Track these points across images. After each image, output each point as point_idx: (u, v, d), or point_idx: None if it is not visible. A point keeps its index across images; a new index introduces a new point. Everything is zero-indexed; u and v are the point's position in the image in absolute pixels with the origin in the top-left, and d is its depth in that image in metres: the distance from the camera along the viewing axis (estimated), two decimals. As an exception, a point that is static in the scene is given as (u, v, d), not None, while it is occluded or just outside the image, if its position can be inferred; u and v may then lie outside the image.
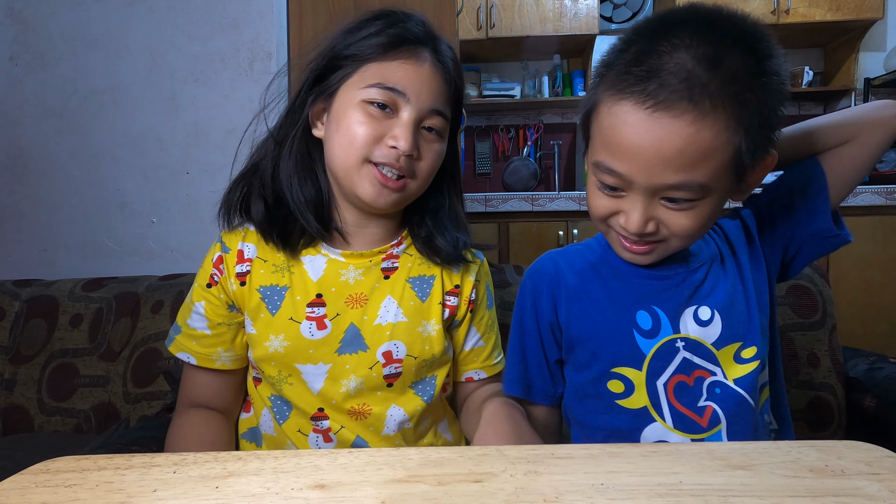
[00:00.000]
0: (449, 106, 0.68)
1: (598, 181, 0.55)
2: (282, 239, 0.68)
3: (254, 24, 1.33)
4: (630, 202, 0.53)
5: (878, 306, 2.18)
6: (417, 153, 0.65)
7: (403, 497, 0.32)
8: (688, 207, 0.52)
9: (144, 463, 0.37)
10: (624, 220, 0.54)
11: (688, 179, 0.49)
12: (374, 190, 0.65)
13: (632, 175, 0.51)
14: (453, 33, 1.20)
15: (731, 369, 0.58)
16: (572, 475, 0.34)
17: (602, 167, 0.53)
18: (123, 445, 0.74)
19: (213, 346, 0.69)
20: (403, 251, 0.74)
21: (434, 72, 0.65)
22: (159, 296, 1.09)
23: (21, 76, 1.36)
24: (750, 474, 0.34)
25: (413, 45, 0.65)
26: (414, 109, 0.64)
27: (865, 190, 2.17)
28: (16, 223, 1.39)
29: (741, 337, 0.59)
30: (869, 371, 0.98)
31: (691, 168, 0.49)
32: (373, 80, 0.63)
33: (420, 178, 0.67)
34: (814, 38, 2.75)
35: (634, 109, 0.49)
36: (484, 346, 0.76)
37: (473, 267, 0.76)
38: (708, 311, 0.59)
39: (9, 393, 1.05)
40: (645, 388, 0.59)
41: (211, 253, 0.71)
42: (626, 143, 0.50)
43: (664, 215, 0.53)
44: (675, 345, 0.59)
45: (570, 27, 2.62)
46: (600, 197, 0.56)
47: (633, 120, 0.49)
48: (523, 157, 2.89)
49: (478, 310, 0.76)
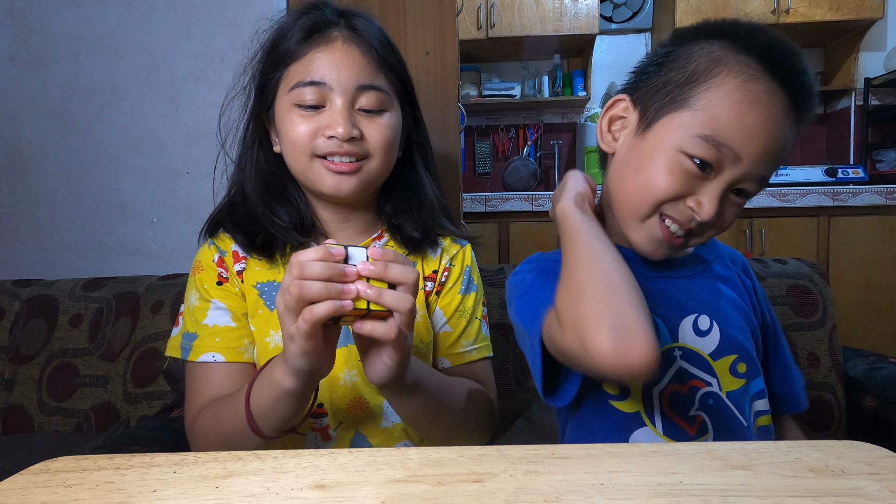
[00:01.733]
0: (380, 73, 0.66)
1: (681, 160, 0.52)
2: (267, 255, 0.69)
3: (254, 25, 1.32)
4: (710, 187, 0.52)
5: (878, 306, 2.18)
6: (360, 133, 0.64)
7: (403, 497, 0.32)
8: (744, 202, 0.54)
9: (144, 463, 0.37)
10: (694, 204, 0.53)
11: (769, 175, 0.53)
12: (332, 181, 0.65)
13: (742, 154, 0.50)
14: (453, 33, 1.20)
15: (727, 381, 0.58)
16: (572, 475, 0.34)
17: (710, 141, 0.51)
18: (123, 445, 0.74)
19: (240, 339, 0.67)
20: (385, 244, 0.74)
21: (348, 49, 0.64)
22: (159, 296, 1.09)
23: (21, 76, 1.36)
24: (750, 474, 0.34)
25: (323, 31, 0.65)
26: (339, 94, 0.63)
27: (865, 190, 2.17)
28: (16, 223, 1.39)
29: (736, 350, 0.59)
30: (869, 371, 0.98)
31: (777, 166, 0.53)
32: (294, 80, 0.64)
33: (376, 155, 0.66)
34: (814, 38, 2.74)
35: (772, 95, 0.50)
36: (450, 331, 0.74)
37: (450, 250, 0.76)
38: (707, 320, 0.59)
39: (9, 393, 1.05)
40: (640, 395, 0.59)
41: (207, 256, 0.70)
42: (756, 122, 0.50)
43: (723, 207, 0.54)
44: (673, 354, 0.58)
45: (570, 27, 2.62)
46: (676, 176, 0.53)
47: (771, 104, 0.50)
48: (523, 157, 2.89)
49: (446, 293, 0.75)
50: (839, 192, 2.18)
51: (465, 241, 0.79)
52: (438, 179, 0.78)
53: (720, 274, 0.63)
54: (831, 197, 2.18)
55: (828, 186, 2.23)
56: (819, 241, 2.21)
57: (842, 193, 2.18)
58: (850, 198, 2.18)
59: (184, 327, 0.69)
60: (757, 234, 2.22)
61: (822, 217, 2.21)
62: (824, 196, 2.19)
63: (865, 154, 2.61)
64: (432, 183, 0.76)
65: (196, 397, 0.66)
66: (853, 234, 2.19)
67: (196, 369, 0.67)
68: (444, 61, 1.20)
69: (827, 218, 2.20)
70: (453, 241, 0.78)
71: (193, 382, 0.67)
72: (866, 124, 2.60)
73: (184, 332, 0.68)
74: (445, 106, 1.21)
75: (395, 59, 0.69)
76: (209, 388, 0.65)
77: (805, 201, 2.19)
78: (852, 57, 2.66)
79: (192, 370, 0.67)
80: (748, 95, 0.50)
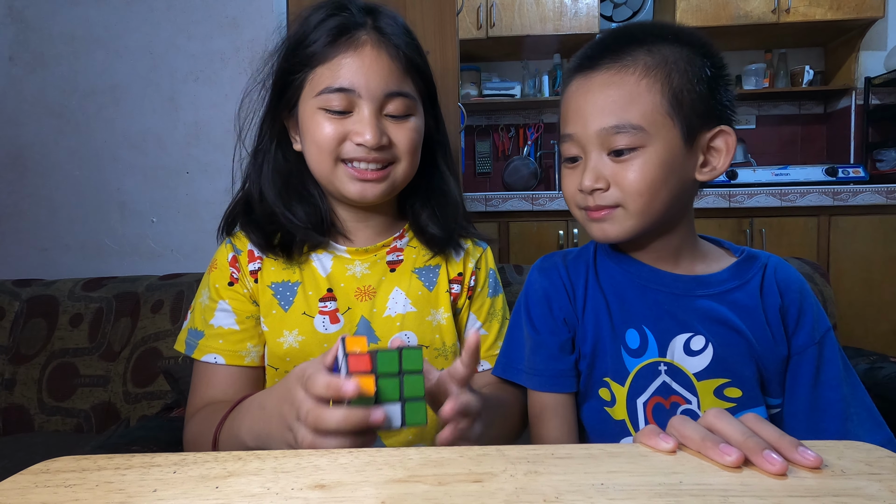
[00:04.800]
0: (407, 78, 0.66)
1: (564, 162, 0.62)
2: (285, 254, 0.69)
3: (254, 24, 1.33)
4: (583, 166, 0.58)
5: (878, 306, 2.18)
6: (388, 140, 0.64)
7: (403, 497, 0.32)
8: (631, 158, 0.56)
9: (144, 463, 0.37)
10: (581, 183, 0.58)
11: (621, 121, 0.55)
12: (356, 187, 0.65)
13: (577, 131, 0.58)
14: (453, 33, 1.20)
15: (707, 401, 0.58)
16: (572, 475, 0.34)
17: (562, 138, 0.60)
18: (123, 445, 0.74)
19: (242, 342, 0.68)
20: (407, 244, 0.74)
21: (377, 54, 0.63)
22: (159, 295, 1.09)
23: (21, 76, 1.36)
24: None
25: (351, 34, 0.63)
26: (368, 101, 0.63)
27: (866, 189, 2.17)
28: (16, 223, 1.39)
29: (729, 375, 0.58)
30: (869, 371, 0.98)
31: (622, 111, 0.55)
32: (321, 85, 0.63)
33: (404, 159, 0.66)
34: (814, 38, 2.74)
35: (575, 80, 0.59)
36: (486, 334, 0.75)
37: (475, 254, 0.77)
38: (702, 341, 0.59)
39: (9, 393, 1.05)
40: (625, 404, 0.60)
41: (223, 255, 0.71)
42: (571, 106, 0.59)
43: (612, 170, 0.57)
44: (658, 367, 0.59)
45: (571, 26, 2.61)
46: (567, 177, 0.61)
47: (574, 86, 0.59)
48: (523, 157, 2.89)
49: (477, 297, 0.76)
50: (839, 192, 2.18)
51: (485, 243, 0.79)
52: (459, 180, 0.78)
53: (738, 301, 0.60)
54: (831, 196, 2.18)
55: (828, 186, 2.23)
56: (819, 240, 2.21)
57: (842, 193, 2.18)
58: (850, 197, 2.17)
59: (192, 323, 0.70)
60: (757, 233, 2.22)
61: (823, 216, 2.21)
62: (824, 195, 2.19)
63: (866, 153, 2.61)
64: (455, 183, 0.76)
65: (196, 395, 0.68)
66: (853, 233, 2.19)
67: (199, 367, 0.69)
68: (444, 61, 1.20)
69: (827, 217, 2.20)
70: (475, 243, 0.78)
71: (196, 379, 0.69)
72: (867, 124, 2.60)
73: (191, 328, 0.70)
74: (445, 105, 1.20)
75: (421, 62, 0.68)
76: (209, 388, 0.67)
77: (805, 201, 2.19)
78: (853, 56, 2.66)
79: (196, 367, 0.69)
80: None
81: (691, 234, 0.63)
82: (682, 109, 0.55)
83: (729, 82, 0.59)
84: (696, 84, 0.56)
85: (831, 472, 0.34)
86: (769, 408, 0.60)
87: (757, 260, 0.63)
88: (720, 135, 0.58)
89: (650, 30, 0.58)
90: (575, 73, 0.59)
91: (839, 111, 2.77)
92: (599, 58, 0.57)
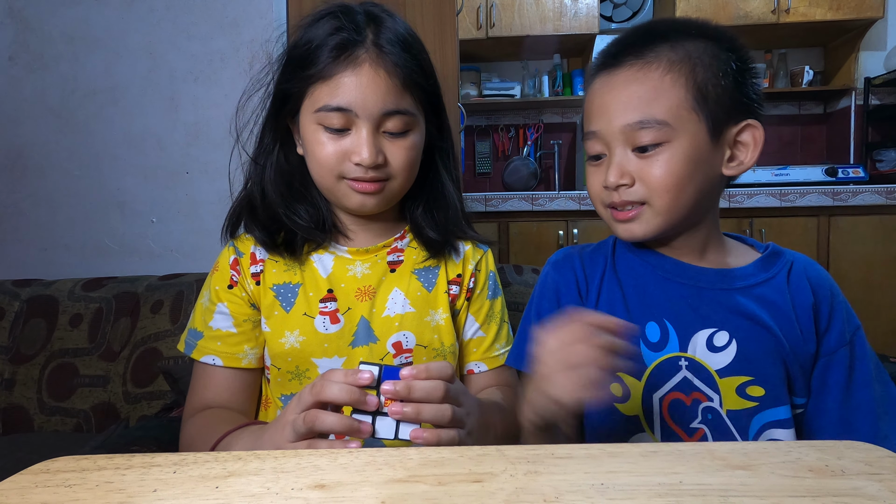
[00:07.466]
0: (406, 94, 0.65)
1: (588, 159, 0.61)
2: (289, 252, 0.70)
3: (254, 24, 1.33)
4: (608, 163, 0.58)
5: (878, 306, 2.18)
6: (384, 158, 0.65)
7: (403, 497, 0.32)
8: (656, 154, 0.55)
9: (144, 463, 0.37)
10: (605, 179, 0.58)
11: (645, 116, 0.55)
12: (356, 199, 0.66)
13: (601, 128, 0.58)
14: (453, 33, 1.20)
15: (729, 399, 0.57)
16: (572, 475, 0.34)
17: (587, 136, 0.60)
18: (123, 445, 0.74)
19: (239, 345, 0.69)
20: (408, 244, 0.75)
21: (375, 73, 0.62)
22: (159, 296, 1.09)
23: (21, 76, 1.36)
24: (750, 474, 0.34)
25: (351, 51, 0.62)
26: (365, 120, 0.63)
27: (865, 189, 2.17)
28: (16, 223, 1.39)
29: (753, 373, 0.57)
30: (869, 371, 0.98)
31: (646, 106, 0.55)
32: (320, 102, 0.63)
33: (398, 177, 0.67)
34: (814, 38, 2.74)
35: (599, 77, 0.59)
36: (483, 336, 0.76)
37: (475, 256, 0.77)
38: (725, 337, 0.58)
39: (9, 393, 1.05)
40: (640, 399, 0.59)
41: (225, 257, 0.72)
42: (595, 104, 0.59)
43: (636, 167, 0.56)
44: (679, 363, 0.58)
45: (570, 26, 2.61)
46: (591, 174, 0.61)
47: (598, 84, 0.59)
48: (523, 157, 2.89)
49: (475, 299, 0.76)
50: (839, 192, 2.18)
51: (486, 246, 0.80)
52: (460, 185, 0.78)
53: (766, 296, 0.59)
54: (831, 196, 2.18)
55: (828, 186, 2.23)
56: (819, 240, 2.21)
57: (842, 193, 2.18)
58: (850, 197, 2.18)
59: (193, 323, 0.71)
60: (757, 233, 2.22)
61: (823, 217, 2.21)
62: (824, 196, 2.19)
63: (866, 154, 2.61)
64: (454, 188, 0.76)
65: (194, 394, 0.69)
66: (853, 233, 2.19)
67: (198, 368, 0.70)
68: (443, 61, 1.20)
69: (827, 217, 2.20)
70: (475, 246, 0.78)
71: (195, 380, 0.70)
72: (866, 124, 2.60)
73: (192, 329, 0.71)
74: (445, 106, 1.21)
75: (422, 75, 0.67)
76: (206, 389, 0.69)
77: (805, 201, 2.19)
78: (852, 56, 2.66)
79: (196, 368, 0.70)
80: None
81: (716, 228, 0.63)
82: (707, 104, 0.55)
83: (755, 76, 0.58)
84: (722, 78, 0.55)
85: (831, 472, 0.34)
86: (794, 407, 0.59)
87: (782, 256, 0.63)
88: (747, 129, 0.57)
89: (673, 25, 0.58)
90: (598, 71, 0.59)
91: (839, 111, 2.77)
92: (623, 55, 0.57)
